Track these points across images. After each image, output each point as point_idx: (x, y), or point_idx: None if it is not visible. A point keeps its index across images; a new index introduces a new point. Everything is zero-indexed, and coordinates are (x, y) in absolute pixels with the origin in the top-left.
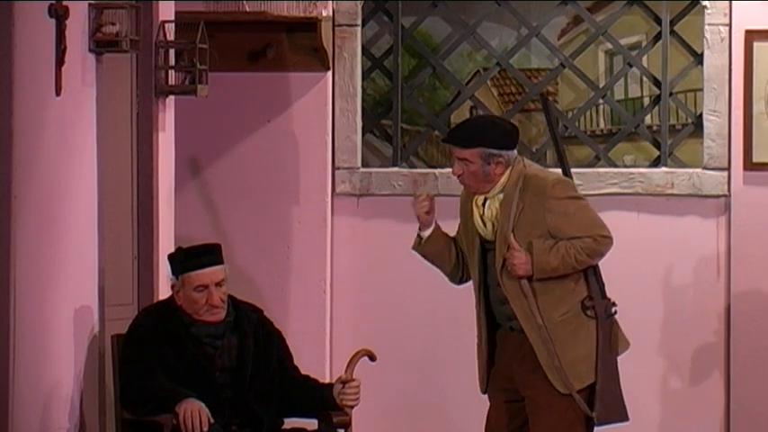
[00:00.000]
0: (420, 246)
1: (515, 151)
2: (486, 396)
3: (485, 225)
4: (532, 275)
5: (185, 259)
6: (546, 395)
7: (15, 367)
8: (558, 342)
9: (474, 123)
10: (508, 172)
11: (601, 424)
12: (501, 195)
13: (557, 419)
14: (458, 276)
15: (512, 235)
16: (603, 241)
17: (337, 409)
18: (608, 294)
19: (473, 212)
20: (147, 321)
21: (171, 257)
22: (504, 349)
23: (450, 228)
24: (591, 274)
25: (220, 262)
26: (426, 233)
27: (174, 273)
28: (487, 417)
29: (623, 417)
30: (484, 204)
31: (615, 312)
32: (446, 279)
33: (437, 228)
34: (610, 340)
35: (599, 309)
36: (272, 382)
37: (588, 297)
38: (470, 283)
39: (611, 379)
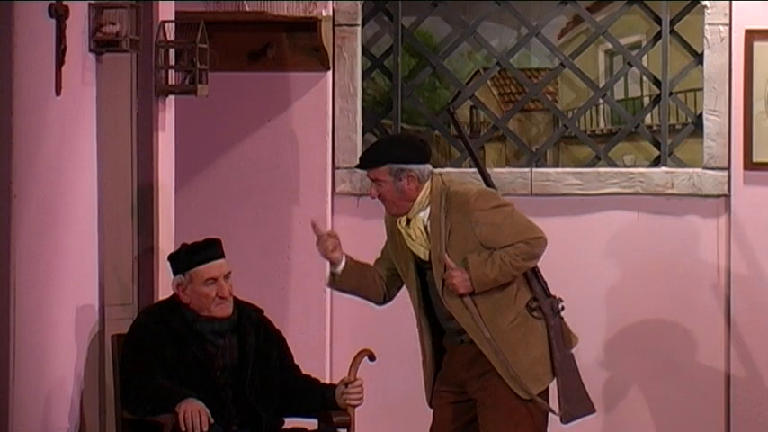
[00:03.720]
0: (335, 282)
1: (428, 166)
2: None
3: (416, 247)
4: (473, 291)
5: (192, 254)
6: (493, 396)
7: (15, 367)
8: (511, 350)
9: (378, 143)
10: (426, 189)
11: (568, 421)
12: (422, 215)
13: (504, 417)
14: (381, 299)
15: (446, 255)
16: (536, 243)
17: (338, 409)
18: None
19: (402, 236)
20: (147, 321)
21: (174, 256)
22: (452, 356)
23: None
24: (532, 276)
25: (224, 255)
26: (339, 269)
27: (178, 271)
28: (432, 418)
29: (590, 409)
30: (408, 226)
31: (563, 308)
32: None
33: (349, 260)
34: (562, 337)
35: (545, 308)
36: (272, 382)
37: (533, 299)
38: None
39: (571, 375)
